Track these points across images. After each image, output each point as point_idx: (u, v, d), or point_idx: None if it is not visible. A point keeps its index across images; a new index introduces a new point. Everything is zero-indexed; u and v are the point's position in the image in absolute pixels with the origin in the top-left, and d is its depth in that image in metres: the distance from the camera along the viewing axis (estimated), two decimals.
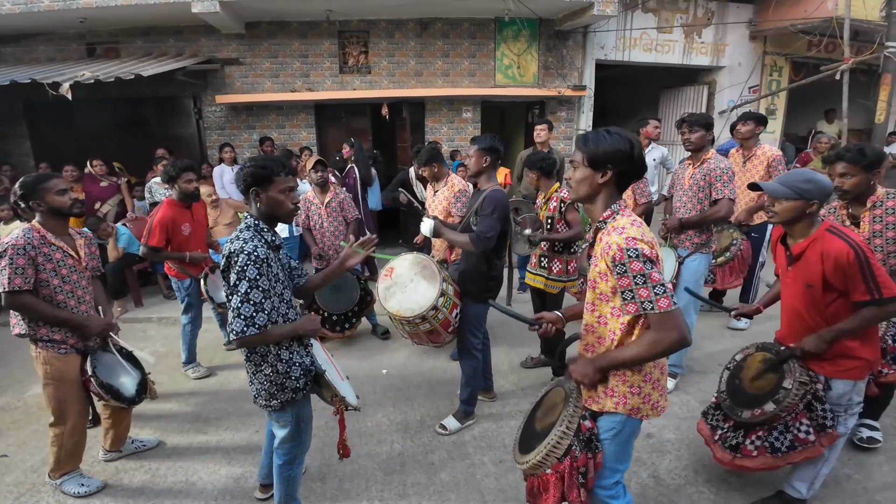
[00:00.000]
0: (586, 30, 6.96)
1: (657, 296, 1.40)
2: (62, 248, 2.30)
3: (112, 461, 2.72)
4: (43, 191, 2.24)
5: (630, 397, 1.58)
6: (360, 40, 6.76)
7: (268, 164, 1.83)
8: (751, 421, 2.07)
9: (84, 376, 2.35)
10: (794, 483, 2.17)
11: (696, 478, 2.45)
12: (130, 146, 6.40)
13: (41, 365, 2.31)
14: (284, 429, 2.00)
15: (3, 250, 2.14)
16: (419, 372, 3.67)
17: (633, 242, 1.42)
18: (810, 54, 7.61)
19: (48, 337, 2.29)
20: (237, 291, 1.73)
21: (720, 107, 7.79)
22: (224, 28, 6.32)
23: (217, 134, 6.77)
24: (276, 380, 1.89)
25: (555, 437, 1.61)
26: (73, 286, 2.34)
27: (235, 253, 1.74)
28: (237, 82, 6.65)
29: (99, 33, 6.47)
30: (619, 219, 1.51)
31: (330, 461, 2.67)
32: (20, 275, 2.15)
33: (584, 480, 1.63)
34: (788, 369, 2.03)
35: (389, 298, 2.74)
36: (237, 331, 1.73)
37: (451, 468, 2.60)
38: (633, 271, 1.42)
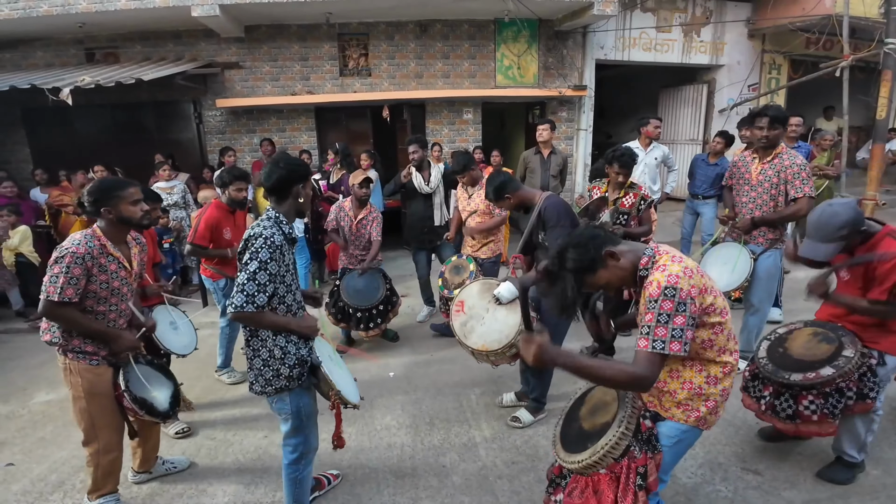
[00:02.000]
0: (586, 30, 6.97)
1: (673, 339, 1.40)
2: (118, 258, 2.17)
3: (142, 483, 2.57)
4: (118, 199, 2.13)
5: (705, 412, 1.59)
6: (359, 43, 6.76)
7: (303, 164, 2.00)
8: (802, 383, 2.10)
9: (117, 390, 2.20)
10: (847, 450, 2.28)
11: (712, 476, 2.43)
12: (130, 151, 6.37)
13: (71, 376, 2.14)
14: (287, 423, 2.02)
15: (62, 255, 2.01)
16: (426, 374, 3.65)
17: (675, 280, 1.42)
18: (809, 52, 7.65)
19: (80, 348, 2.14)
20: (246, 269, 1.79)
21: (720, 105, 7.81)
22: (223, 32, 6.30)
23: (217, 138, 6.74)
24: (272, 364, 1.91)
25: (614, 437, 1.56)
26: (118, 298, 2.20)
27: (254, 237, 1.82)
28: (237, 86, 6.63)
29: (98, 38, 6.45)
30: (660, 258, 1.52)
31: (339, 465, 2.64)
32: (73, 285, 2.01)
33: (643, 483, 1.58)
34: (850, 341, 2.12)
35: (469, 335, 2.64)
36: (236, 304, 1.78)
37: (463, 470, 2.58)
38: (661, 309, 1.42)
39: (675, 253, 1.53)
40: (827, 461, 2.42)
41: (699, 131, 8.00)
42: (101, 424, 2.20)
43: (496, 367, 2.89)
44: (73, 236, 2.09)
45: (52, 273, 2.01)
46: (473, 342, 2.60)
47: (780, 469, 2.45)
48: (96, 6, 5.48)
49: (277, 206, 1.95)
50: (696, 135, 8.03)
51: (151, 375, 2.38)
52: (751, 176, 3.11)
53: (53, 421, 3.21)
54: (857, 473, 2.34)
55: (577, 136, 7.42)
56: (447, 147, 6.95)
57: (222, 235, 3.40)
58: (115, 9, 5.48)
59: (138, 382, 2.28)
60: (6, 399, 3.54)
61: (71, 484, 2.58)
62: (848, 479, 2.32)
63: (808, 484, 2.34)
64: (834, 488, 2.30)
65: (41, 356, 4.26)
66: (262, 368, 1.93)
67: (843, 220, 1.99)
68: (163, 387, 2.42)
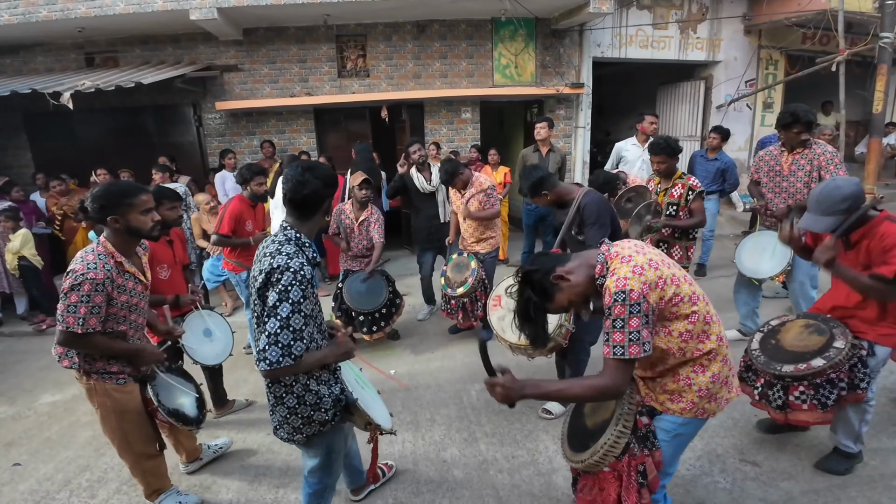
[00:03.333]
0: (582, 28, 6.99)
1: (630, 342, 1.39)
2: (134, 273, 2.03)
3: (195, 472, 2.63)
4: (128, 206, 1.93)
5: (697, 400, 1.57)
6: (357, 44, 6.78)
7: (334, 173, 1.76)
8: (793, 374, 2.13)
9: (150, 406, 2.15)
10: (843, 441, 2.33)
11: (710, 468, 2.46)
12: (131, 155, 6.39)
13: (98, 397, 2.05)
14: (314, 459, 1.85)
15: (79, 283, 1.84)
16: (426, 371, 3.67)
17: (623, 283, 1.40)
18: (805, 47, 7.66)
19: (104, 369, 2.03)
20: (276, 314, 1.50)
21: (717, 101, 7.82)
22: (222, 35, 6.34)
23: (217, 141, 6.78)
24: (302, 412, 1.68)
25: (612, 436, 1.56)
26: (137, 314, 2.09)
27: (280, 270, 1.53)
28: (236, 89, 6.66)
29: (97, 43, 6.49)
30: (611, 263, 1.49)
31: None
32: (96, 314, 1.87)
33: (644, 481, 1.59)
34: (840, 332, 2.14)
35: (507, 329, 2.61)
36: (271, 360, 1.49)
37: (464, 465, 2.60)
38: (615, 314, 1.41)
39: (626, 252, 1.49)
40: (825, 452, 2.44)
41: (697, 128, 8.01)
42: (135, 439, 2.15)
43: (531, 360, 2.89)
44: (86, 258, 1.89)
45: (70, 302, 1.84)
46: (510, 336, 2.60)
47: (779, 460, 2.48)
48: (95, 11, 5.51)
49: (299, 225, 1.66)
50: (695, 131, 8.04)
51: (175, 382, 2.33)
52: (782, 167, 3.30)
53: (59, 422, 3.25)
54: (854, 464, 2.36)
55: (576, 133, 7.45)
56: (445, 147, 6.97)
57: (244, 227, 3.60)
58: (113, 13, 5.51)
59: (167, 393, 2.24)
60: (12, 400, 3.57)
61: (77, 483, 2.61)
62: (846, 470, 2.34)
63: (807, 475, 2.37)
64: (832, 479, 2.32)
65: (46, 359, 4.30)
66: (287, 416, 1.68)
67: (845, 193, 2.02)
68: (187, 391, 2.39)
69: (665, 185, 3.49)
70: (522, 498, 2.34)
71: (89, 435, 3.05)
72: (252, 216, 3.67)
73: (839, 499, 2.21)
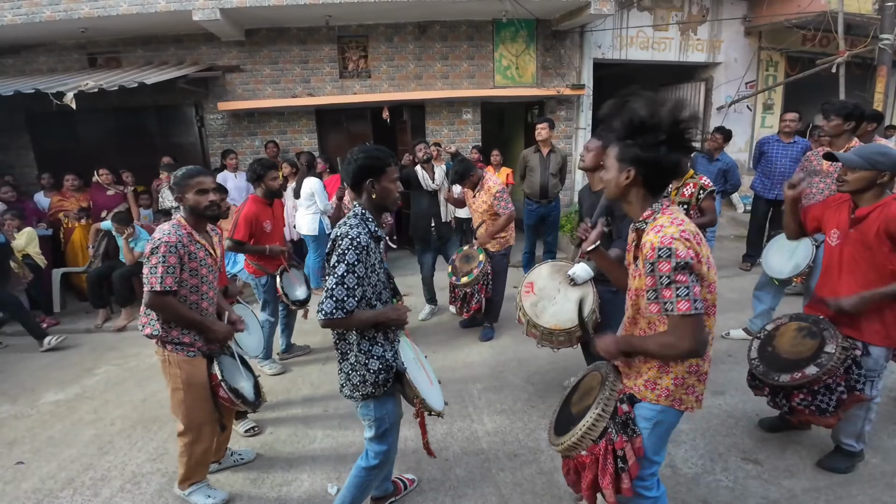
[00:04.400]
0: (583, 29, 7.01)
1: (678, 297, 1.38)
2: (204, 245, 2.23)
3: (212, 473, 2.61)
4: (185, 187, 2.16)
5: (673, 389, 1.57)
6: (359, 45, 6.80)
7: (381, 154, 1.87)
8: (790, 384, 2.14)
9: (214, 380, 2.27)
10: (845, 440, 2.35)
11: (712, 467, 2.46)
12: (133, 155, 6.41)
13: (170, 368, 2.20)
14: (370, 429, 1.97)
15: (156, 246, 2.06)
16: None
17: (669, 241, 1.39)
18: (805, 49, 7.68)
19: (178, 339, 2.20)
20: (334, 273, 1.74)
21: (717, 103, 7.84)
22: (224, 36, 6.36)
23: (219, 141, 6.79)
24: (360, 370, 1.87)
25: (590, 419, 1.63)
26: (207, 286, 2.25)
27: (340, 237, 1.77)
28: (238, 89, 6.68)
29: (100, 43, 6.50)
30: (660, 217, 1.49)
31: (343, 459, 2.68)
32: (171, 274, 2.07)
33: (623, 465, 1.62)
34: (830, 335, 2.13)
35: (541, 314, 2.67)
36: (326, 311, 1.73)
37: (466, 463, 2.61)
38: (660, 271, 1.40)
39: (679, 216, 1.48)
40: (827, 451, 2.45)
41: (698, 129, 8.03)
42: (196, 415, 2.26)
43: (557, 352, 2.91)
44: (162, 227, 2.13)
45: (151, 264, 2.06)
46: (546, 321, 2.63)
47: (781, 458, 2.49)
48: (98, 11, 5.53)
49: (359, 201, 1.90)
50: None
51: (236, 366, 2.46)
52: (821, 167, 3.46)
53: (62, 420, 3.25)
54: (856, 462, 2.37)
55: (576, 134, 7.46)
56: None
57: (263, 229, 3.48)
58: (116, 14, 5.53)
59: (231, 372, 2.35)
60: (15, 399, 3.58)
61: (81, 481, 2.62)
62: (847, 468, 2.35)
63: (808, 473, 2.38)
64: (833, 477, 2.34)
65: (49, 357, 4.32)
66: (350, 372, 1.89)
67: (887, 151, 2.06)
68: (247, 376, 2.51)
69: (676, 184, 3.50)
70: (525, 496, 2.35)
71: (92, 434, 3.06)
72: (270, 215, 3.53)
73: (841, 497, 2.22)
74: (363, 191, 1.87)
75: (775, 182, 4.97)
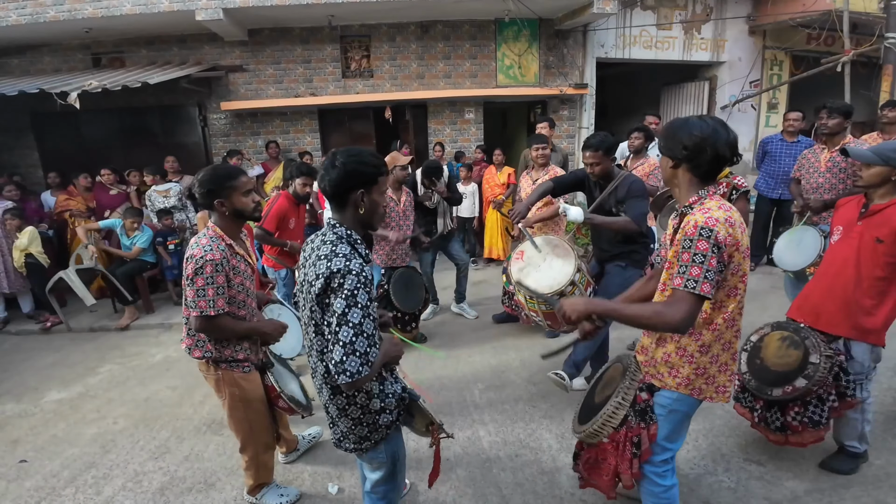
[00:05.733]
0: (586, 28, 6.99)
1: (705, 279, 1.41)
2: (244, 255, 2.08)
3: (293, 462, 2.68)
4: (231, 189, 1.97)
5: (694, 378, 1.61)
6: (361, 45, 6.81)
7: (374, 159, 1.54)
8: (783, 398, 2.14)
9: (273, 393, 2.20)
10: (848, 443, 2.34)
11: (714, 467, 2.45)
12: (137, 155, 6.44)
13: (227, 387, 2.07)
14: (378, 471, 1.74)
15: (201, 266, 1.87)
16: (429, 369, 3.67)
17: (713, 223, 1.42)
18: (810, 48, 7.63)
19: (232, 357, 2.07)
20: (347, 322, 1.39)
21: (722, 102, 7.81)
22: (227, 36, 6.38)
23: (222, 141, 6.81)
24: (368, 419, 1.60)
25: (611, 406, 1.69)
26: (250, 297, 2.11)
27: (340, 273, 1.40)
28: (241, 89, 6.70)
29: (104, 43, 6.54)
30: (707, 202, 1.52)
31: (343, 459, 2.68)
32: (221, 295, 1.91)
33: (637, 451, 1.68)
34: (812, 345, 2.13)
35: (525, 279, 2.76)
36: (352, 372, 1.38)
37: (467, 463, 2.61)
38: (696, 248, 1.42)
39: (726, 204, 1.51)
40: (829, 451, 2.43)
41: None
42: (259, 428, 2.21)
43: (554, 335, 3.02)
44: (200, 242, 1.93)
45: (197, 287, 1.88)
46: (531, 283, 2.73)
47: (783, 459, 2.47)
48: (102, 11, 5.56)
49: (341, 217, 1.54)
50: None
51: (285, 371, 2.42)
52: (820, 164, 3.53)
53: (65, 419, 3.27)
54: (860, 463, 2.36)
55: (579, 134, 7.44)
56: (449, 147, 6.99)
57: (288, 225, 3.62)
58: (120, 14, 5.56)
59: (283, 380, 2.31)
60: (19, 398, 3.60)
61: (83, 480, 2.63)
62: (851, 469, 2.34)
63: (811, 474, 2.36)
64: (837, 478, 2.32)
65: (52, 356, 4.34)
66: (354, 426, 1.61)
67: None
68: (293, 378, 2.48)
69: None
70: (526, 496, 2.34)
71: (95, 432, 3.08)
72: (296, 214, 3.71)
73: (844, 498, 2.20)
74: (349, 204, 1.51)
75: (779, 182, 4.94)
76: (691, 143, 1.50)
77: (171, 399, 3.46)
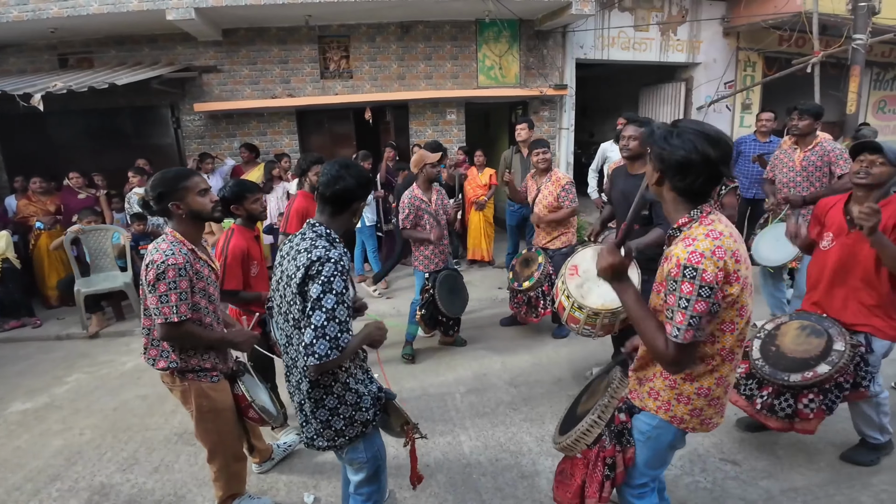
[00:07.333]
0: (565, 29, 7.03)
1: (689, 327, 1.28)
2: (206, 261, 2.01)
3: (268, 471, 2.62)
4: (185, 190, 1.90)
5: (675, 405, 1.48)
6: (340, 45, 6.72)
7: (370, 176, 1.74)
8: (801, 384, 2.10)
9: (243, 403, 2.14)
10: (869, 433, 2.37)
11: (692, 468, 2.47)
12: (107, 157, 6.25)
13: (195, 399, 2.00)
14: (361, 472, 1.79)
15: (163, 271, 1.80)
16: (411, 374, 3.64)
17: (697, 259, 1.26)
18: (782, 49, 7.81)
19: (199, 367, 2.00)
20: (320, 307, 1.47)
21: (698, 102, 7.93)
22: (200, 35, 6.22)
23: (197, 143, 6.65)
24: (343, 413, 1.65)
25: (585, 424, 1.63)
26: (215, 304, 2.04)
27: (320, 261, 1.49)
28: (216, 90, 6.55)
29: (71, 43, 6.32)
30: (696, 228, 1.34)
31: (322, 466, 2.62)
32: (185, 301, 1.84)
33: (610, 473, 1.59)
34: (837, 333, 2.14)
35: (587, 295, 2.64)
36: (320, 354, 1.46)
37: (448, 469, 2.58)
38: (681, 292, 1.28)
39: (719, 227, 1.32)
40: (804, 449, 2.47)
41: None
42: (228, 438, 2.15)
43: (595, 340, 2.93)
44: (160, 247, 1.86)
45: (160, 293, 1.80)
46: (593, 302, 2.60)
47: (758, 459, 2.50)
48: (68, 11, 5.36)
49: (330, 221, 1.65)
50: None
51: (255, 381, 2.35)
52: (794, 163, 3.59)
53: (29, 430, 3.14)
54: (881, 455, 2.37)
55: (560, 135, 7.48)
56: None
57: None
58: (87, 13, 5.37)
59: (254, 389, 2.24)
60: None
61: (47, 493, 2.53)
62: (872, 461, 2.36)
63: (785, 473, 2.40)
64: (811, 477, 2.35)
65: (19, 365, 4.17)
66: (328, 419, 1.65)
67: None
68: (265, 388, 2.40)
69: None
70: (506, 501, 2.33)
71: (60, 444, 2.96)
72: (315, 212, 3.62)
73: (818, 497, 2.24)
74: (347, 211, 1.65)
75: (753, 181, 5.02)
76: (674, 161, 1.32)
77: (140, 409, 3.35)
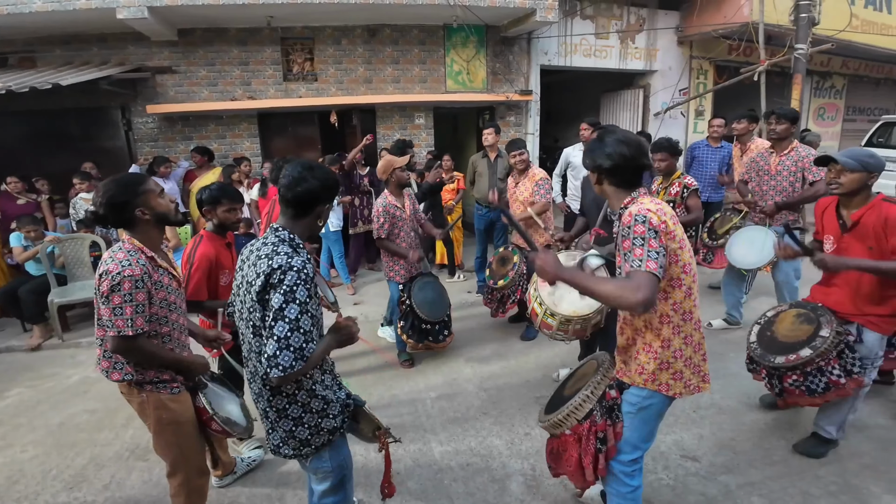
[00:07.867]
0: (530, 36, 7.16)
1: (648, 258, 1.49)
2: (167, 268, 1.92)
3: (229, 486, 2.52)
4: (148, 194, 1.82)
5: (659, 374, 1.68)
6: (304, 47, 6.59)
7: (337, 179, 1.66)
8: (784, 365, 2.26)
9: (205, 415, 2.05)
10: (825, 426, 2.45)
11: (654, 466, 2.53)
12: (51, 161, 5.87)
13: (153, 410, 1.92)
14: (325, 482, 1.75)
15: (118, 283, 1.71)
16: (380, 380, 3.59)
17: (645, 211, 1.56)
18: (731, 58, 8.23)
19: (157, 378, 1.92)
20: (283, 317, 1.43)
21: (655, 108, 8.24)
22: (154, 35, 5.96)
23: (150, 146, 6.35)
24: (308, 421, 1.62)
25: (578, 398, 1.72)
26: (177, 314, 1.97)
27: (281, 269, 1.45)
28: (171, 91, 6.28)
29: (13, 42, 5.92)
30: (641, 199, 1.66)
31: (287, 475, 2.55)
32: (141, 313, 1.75)
33: (602, 447, 1.72)
34: (826, 321, 2.26)
35: (559, 302, 2.67)
36: (284, 366, 1.42)
37: (419, 475, 2.55)
38: (634, 233, 1.53)
39: (657, 199, 1.66)
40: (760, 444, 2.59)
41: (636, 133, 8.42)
42: (190, 451, 2.05)
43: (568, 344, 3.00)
44: (116, 256, 1.77)
45: (114, 305, 1.72)
46: (565, 309, 2.64)
47: (717, 455, 2.60)
48: (8, 8, 5.01)
49: (293, 225, 1.61)
50: None
51: (221, 391, 2.23)
52: (770, 167, 3.62)
53: None
54: (830, 449, 2.50)
55: (525, 139, 7.60)
56: None
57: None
58: (30, 11, 5.03)
59: (218, 401, 2.13)
60: None
61: None
62: (821, 454, 2.49)
63: (742, 468, 2.49)
64: (766, 471, 2.45)
65: None
66: (293, 428, 1.61)
67: (874, 153, 2.20)
68: (233, 399, 2.27)
69: (665, 183, 3.68)
70: None
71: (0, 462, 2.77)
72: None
73: (773, 490, 2.34)
74: (311, 214, 1.61)
75: (706, 185, 5.25)
76: (609, 163, 1.67)
77: (88, 423, 3.16)
